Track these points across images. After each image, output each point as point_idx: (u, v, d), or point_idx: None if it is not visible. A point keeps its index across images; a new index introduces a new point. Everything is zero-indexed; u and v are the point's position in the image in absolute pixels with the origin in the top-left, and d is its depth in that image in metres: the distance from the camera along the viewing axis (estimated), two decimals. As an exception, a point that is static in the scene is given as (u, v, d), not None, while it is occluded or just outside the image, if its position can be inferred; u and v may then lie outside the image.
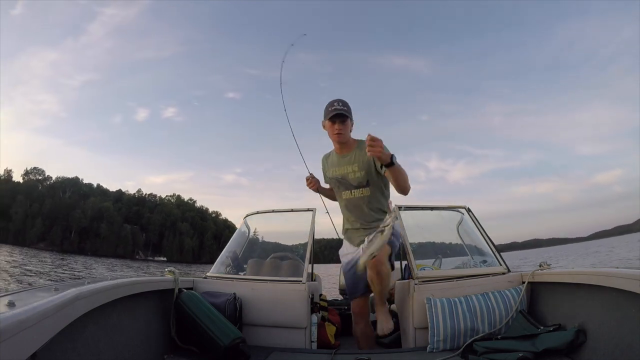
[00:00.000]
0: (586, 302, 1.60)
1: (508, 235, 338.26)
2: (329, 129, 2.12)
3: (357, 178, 2.10)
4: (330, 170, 2.22)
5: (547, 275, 1.95)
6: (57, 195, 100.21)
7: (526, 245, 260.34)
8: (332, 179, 2.22)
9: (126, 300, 1.45)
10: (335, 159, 2.20)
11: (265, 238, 3.23)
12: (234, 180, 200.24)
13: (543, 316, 1.88)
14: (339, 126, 2.06)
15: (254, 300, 2.19)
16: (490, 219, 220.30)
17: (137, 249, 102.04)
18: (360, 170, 2.08)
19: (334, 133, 2.09)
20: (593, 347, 1.47)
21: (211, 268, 2.60)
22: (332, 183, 2.25)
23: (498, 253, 2.36)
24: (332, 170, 2.21)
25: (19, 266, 20.68)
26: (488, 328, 1.88)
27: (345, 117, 2.06)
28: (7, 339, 0.69)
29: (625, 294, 1.30)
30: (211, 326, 1.82)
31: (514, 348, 1.62)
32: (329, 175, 2.26)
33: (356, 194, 2.13)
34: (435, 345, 1.88)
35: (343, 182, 2.16)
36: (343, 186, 2.17)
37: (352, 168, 2.11)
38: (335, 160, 2.20)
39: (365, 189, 2.11)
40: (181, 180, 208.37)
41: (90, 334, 1.20)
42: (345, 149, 2.16)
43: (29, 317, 0.78)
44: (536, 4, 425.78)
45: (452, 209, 2.76)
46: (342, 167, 2.15)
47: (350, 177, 2.12)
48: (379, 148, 1.69)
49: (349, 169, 2.12)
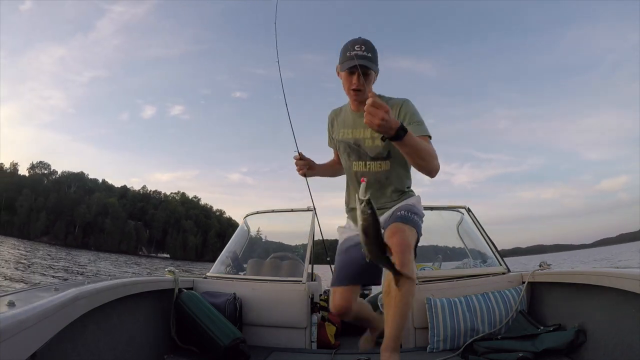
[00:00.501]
0: (586, 302, 1.60)
1: (512, 241, 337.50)
2: (345, 81, 1.60)
3: (376, 147, 1.62)
4: (341, 131, 1.72)
5: (547, 275, 1.95)
6: (62, 189, 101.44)
7: (530, 251, 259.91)
8: (342, 142, 1.71)
9: (126, 300, 1.45)
10: (350, 117, 1.70)
11: (265, 238, 3.23)
12: (239, 179, 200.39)
13: (543, 316, 1.88)
14: (358, 80, 1.53)
15: (254, 300, 2.19)
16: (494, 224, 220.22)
17: (140, 245, 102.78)
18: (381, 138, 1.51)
19: (351, 88, 1.57)
20: (593, 347, 1.47)
21: (211, 267, 2.60)
22: (341, 147, 1.74)
23: (498, 253, 2.36)
24: (342, 132, 1.71)
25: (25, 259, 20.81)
26: (488, 328, 1.88)
27: (367, 67, 1.52)
28: (7, 339, 0.69)
29: (625, 294, 1.30)
30: (211, 326, 1.82)
31: (514, 348, 1.62)
32: (336, 137, 1.76)
33: (372, 167, 1.65)
34: (435, 346, 1.88)
35: (355, 149, 1.67)
36: (355, 154, 1.68)
37: (370, 133, 1.61)
38: (350, 119, 1.70)
39: (385, 163, 1.63)
40: (186, 178, 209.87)
41: (90, 334, 1.21)
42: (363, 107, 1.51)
43: (29, 317, 0.78)
44: (543, 8, 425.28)
45: (452, 209, 2.76)
46: (357, 130, 1.66)
47: (366, 144, 1.64)
48: (377, 119, 1.22)
49: (367, 134, 1.63)
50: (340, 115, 1.77)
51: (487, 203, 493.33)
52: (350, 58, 1.51)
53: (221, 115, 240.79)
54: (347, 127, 1.70)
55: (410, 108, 1.58)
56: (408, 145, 1.34)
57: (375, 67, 1.56)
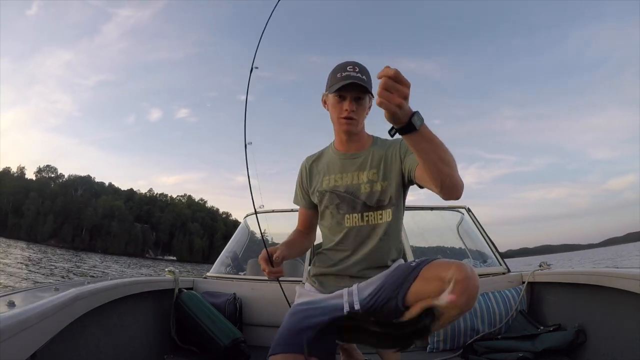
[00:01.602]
0: (586, 302, 1.60)
1: (519, 241, 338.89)
2: (334, 109, 1.28)
3: (375, 192, 1.27)
4: (325, 179, 1.35)
5: (547, 275, 1.95)
6: (69, 193, 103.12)
7: (538, 251, 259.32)
8: (327, 192, 1.33)
9: (126, 300, 1.45)
10: (337, 160, 1.35)
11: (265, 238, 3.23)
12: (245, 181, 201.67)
13: (543, 316, 1.88)
14: (350, 105, 1.24)
15: (254, 300, 2.19)
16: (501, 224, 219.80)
17: (147, 247, 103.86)
18: (383, 180, 1.28)
19: (341, 116, 1.26)
20: (593, 347, 1.47)
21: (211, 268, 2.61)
22: (325, 200, 1.33)
23: (498, 253, 2.36)
24: (327, 179, 1.34)
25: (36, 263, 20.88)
26: (488, 328, 1.87)
27: (363, 89, 1.22)
28: (7, 339, 0.69)
29: (625, 294, 1.30)
30: (211, 326, 1.83)
31: (514, 348, 1.62)
32: (319, 187, 1.35)
33: (370, 218, 1.28)
34: (435, 345, 1.88)
35: (348, 199, 1.29)
36: (347, 205, 1.29)
37: (367, 176, 1.30)
38: (337, 163, 1.35)
39: (386, 212, 1.28)
40: (193, 181, 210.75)
41: (90, 334, 1.20)
42: (354, 146, 1.33)
43: (29, 317, 0.78)
44: (548, 8, 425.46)
45: (452, 209, 2.76)
46: (348, 175, 1.32)
47: (362, 190, 1.29)
48: (397, 97, 0.83)
49: (362, 178, 1.30)
50: (320, 161, 1.41)
51: (493, 203, 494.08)
52: (341, 80, 1.21)
53: (227, 117, 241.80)
54: (334, 172, 1.34)
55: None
56: (426, 138, 0.94)
57: (370, 91, 1.25)
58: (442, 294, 0.96)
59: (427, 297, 1.04)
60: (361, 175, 1.30)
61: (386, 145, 1.32)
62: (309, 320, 1.18)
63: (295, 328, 1.18)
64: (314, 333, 1.15)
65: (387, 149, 1.30)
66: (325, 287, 1.31)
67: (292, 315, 1.24)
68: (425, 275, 1.10)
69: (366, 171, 1.30)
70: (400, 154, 1.26)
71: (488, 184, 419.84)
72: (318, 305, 1.23)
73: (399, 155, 1.27)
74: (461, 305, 0.99)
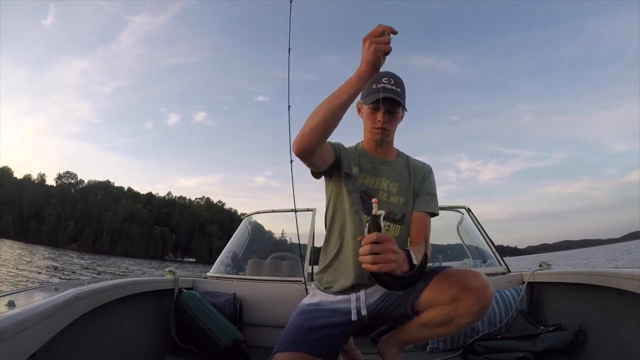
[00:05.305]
0: (586, 302, 1.60)
1: (539, 237, 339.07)
2: (368, 119, 1.31)
3: (392, 205, 1.29)
4: (354, 168, 1.31)
5: (547, 275, 1.95)
6: (89, 198, 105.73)
7: (557, 247, 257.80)
8: (356, 180, 1.29)
9: (126, 300, 1.45)
10: (367, 159, 1.34)
11: (265, 238, 3.23)
12: (264, 182, 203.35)
13: (543, 316, 1.88)
14: (384, 117, 1.26)
15: (254, 300, 2.19)
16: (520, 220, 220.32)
17: (166, 250, 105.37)
18: (400, 195, 1.30)
19: (375, 126, 1.29)
20: (593, 347, 1.47)
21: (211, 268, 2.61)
22: (352, 188, 1.28)
23: (498, 253, 2.36)
24: (355, 170, 1.30)
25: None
26: (488, 328, 1.87)
27: (397, 104, 1.26)
28: (7, 339, 0.69)
29: (625, 294, 1.30)
30: (211, 326, 1.83)
31: (514, 348, 1.62)
32: (347, 170, 1.29)
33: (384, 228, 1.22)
34: (435, 345, 1.88)
35: (367, 202, 1.25)
36: (367, 208, 1.25)
37: (391, 185, 1.31)
38: (368, 163, 1.33)
39: (395, 227, 1.29)
40: (211, 183, 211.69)
41: (90, 334, 1.20)
42: (382, 152, 1.34)
43: (29, 317, 0.78)
44: (563, 1, 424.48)
45: (452, 209, 2.76)
46: (377, 178, 1.32)
47: (379, 196, 1.29)
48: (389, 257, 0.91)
49: (387, 186, 1.31)
50: (350, 153, 1.34)
51: (513, 199, 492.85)
52: (376, 91, 1.23)
53: (244, 119, 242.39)
54: (367, 170, 1.32)
55: (432, 179, 1.40)
56: None
57: (404, 104, 1.29)
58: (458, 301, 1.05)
59: (440, 304, 1.10)
60: (387, 183, 1.32)
61: (410, 164, 1.38)
62: (316, 321, 1.24)
63: (302, 327, 1.24)
64: (320, 334, 1.21)
65: (411, 168, 1.37)
66: (333, 290, 1.32)
67: (299, 315, 1.30)
68: (439, 282, 1.13)
69: (391, 181, 1.32)
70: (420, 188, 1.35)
71: (507, 179, 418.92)
72: (325, 307, 1.28)
73: (417, 187, 1.35)
74: (474, 314, 1.06)
